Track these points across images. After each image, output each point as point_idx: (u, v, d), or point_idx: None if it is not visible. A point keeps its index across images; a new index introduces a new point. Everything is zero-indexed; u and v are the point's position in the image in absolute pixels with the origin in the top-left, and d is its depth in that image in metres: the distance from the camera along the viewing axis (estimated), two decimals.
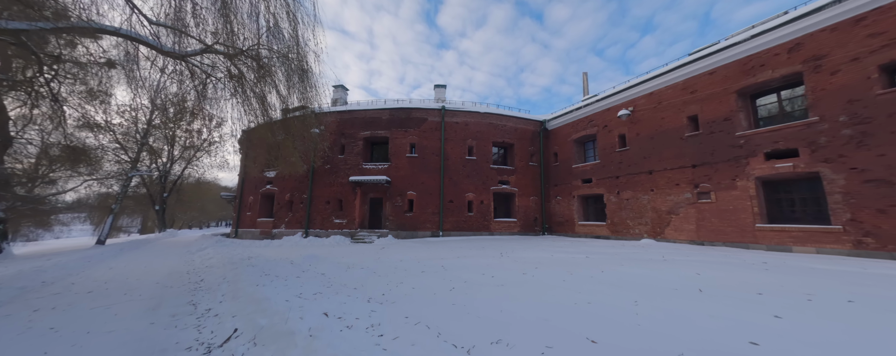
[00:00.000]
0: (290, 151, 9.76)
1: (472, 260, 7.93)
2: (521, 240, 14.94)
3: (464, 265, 7.16)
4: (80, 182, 19.16)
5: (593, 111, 16.40)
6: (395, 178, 17.45)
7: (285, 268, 6.84)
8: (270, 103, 8.95)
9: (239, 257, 9.09)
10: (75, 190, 19.37)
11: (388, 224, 17.04)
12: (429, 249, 10.98)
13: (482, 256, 8.59)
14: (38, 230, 26.63)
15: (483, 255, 8.81)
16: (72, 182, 19.27)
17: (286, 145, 9.75)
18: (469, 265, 7.15)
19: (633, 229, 13.67)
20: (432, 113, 18.21)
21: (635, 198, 13.67)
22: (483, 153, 18.48)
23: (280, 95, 8.71)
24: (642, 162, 13.50)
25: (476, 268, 6.66)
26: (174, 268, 8.61)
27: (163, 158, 25.49)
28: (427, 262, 7.64)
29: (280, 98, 8.77)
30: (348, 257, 8.89)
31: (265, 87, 8.61)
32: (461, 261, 7.68)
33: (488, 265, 7.13)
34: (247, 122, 9.26)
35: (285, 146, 9.81)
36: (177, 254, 12.66)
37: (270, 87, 8.59)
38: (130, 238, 24.46)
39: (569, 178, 17.76)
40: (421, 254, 9.19)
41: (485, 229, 17.70)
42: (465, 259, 8.10)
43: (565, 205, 17.81)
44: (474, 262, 7.54)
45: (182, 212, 34.74)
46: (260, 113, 8.72)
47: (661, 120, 12.80)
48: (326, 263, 7.62)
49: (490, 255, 8.77)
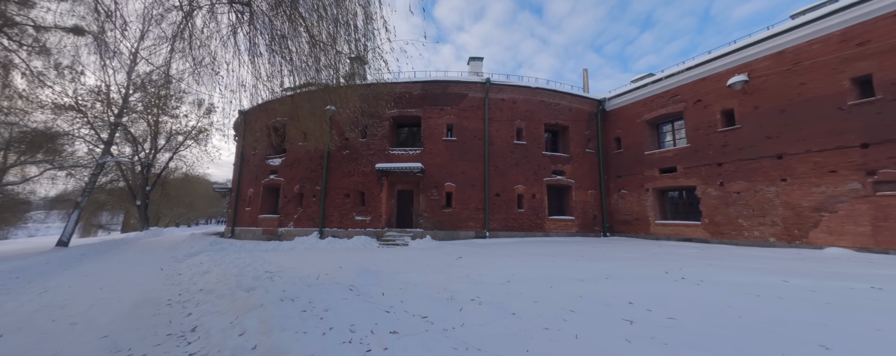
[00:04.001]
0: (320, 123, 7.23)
1: (623, 285, 4.79)
2: (594, 244, 11.86)
3: (622, 294, 4.03)
4: (40, 171, 15.76)
5: (677, 83, 13.28)
6: (430, 166, 14.27)
7: (345, 300, 3.67)
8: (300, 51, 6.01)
9: (249, 271, 5.97)
10: (34, 180, 15.94)
11: (422, 222, 13.87)
12: (501, 257, 7.82)
13: (614, 273, 5.48)
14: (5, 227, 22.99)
15: (619, 273, 5.67)
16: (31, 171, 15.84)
17: (313, 118, 6.94)
18: (631, 294, 4.02)
19: (749, 231, 10.63)
20: (473, 87, 14.99)
21: (752, 190, 10.61)
22: (534, 137, 15.32)
23: (314, 39, 5.74)
24: (764, 143, 10.43)
25: (670, 307, 3.55)
26: (148, 293, 5.44)
27: (145, 146, 21.99)
28: (548, 284, 4.53)
29: (314, 45, 5.82)
30: (414, 271, 5.74)
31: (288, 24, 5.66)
32: (605, 287, 4.56)
33: (670, 296, 4.00)
34: (273, 86, 6.16)
35: (314, 118, 7.12)
36: (157, 263, 9.43)
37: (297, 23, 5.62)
38: (104, 237, 21.07)
39: (639, 167, 14.67)
40: (512, 269, 6.03)
41: (538, 229, 14.60)
42: (596, 282, 4.98)
43: (634, 201, 14.75)
44: (632, 290, 4.41)
45: (168, 209, 31.24)
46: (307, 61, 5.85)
47: (800, 86, 9.70)
48: (402, 288, 4.47)
49: (635, 272, 5.64)
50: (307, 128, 7.96)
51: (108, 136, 15.94)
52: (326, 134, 7.82)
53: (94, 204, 23.03)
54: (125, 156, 20.52)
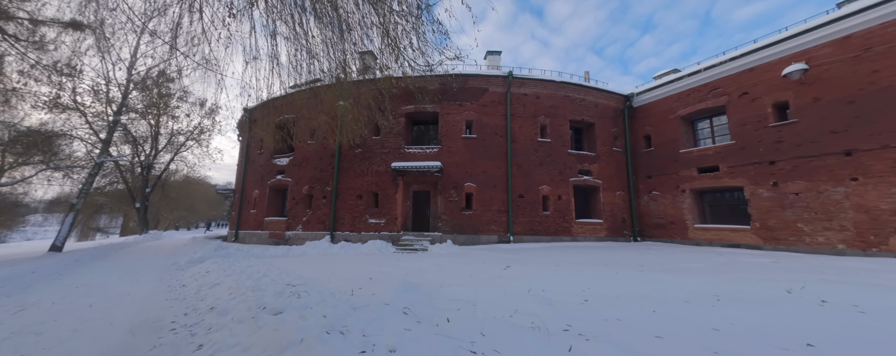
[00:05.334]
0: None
1: (754, 312, 3.75)
2: (637, 251, 10.80)
3: (774, 328, 3.01)
4: (35, 172, 14.89)
5: (717, 76, 12.25)
6: (448, 166, 13.28)
7: (408, 331, 2.67)
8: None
9: (267, 283, 5.05)
10: (28, 181, 15.08)
11: (440, 225, 12.85)
12: (547, 266, 6.77)
13: (716, 292, 4.44)
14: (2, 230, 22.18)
15: (717, 291, 4.62)
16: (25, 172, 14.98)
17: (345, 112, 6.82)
18: (787, 328, 3.00)
19: (811, 236, 9.54)
20: (494, 81, 14.02)
21: (815, 191, 9.54)
22: (559, 135, 14.31)
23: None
24: (828, 139, 9.37)
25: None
26: (147, 311, 4.52)
27: (145, 147, 21.21)
28: (646, 307, 3.52)
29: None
30: (460, 284, 4.72)
31: None
32: (731, 314, 3.53)
33: (846, 333, 2.97)
34: (301, 74, 5.43)
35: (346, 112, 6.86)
36: (157, 271, 8.49)
37: None
38: (102, 241, 20.19)
39: (673, 166, 13.61)
40: (576, 282, 4.99)
41: (565, 233, 13.54)
42: (711, 306, 3.94)
43: (668, 203, 13.67)
44: (777, 321, 3.38)
45: (168, 212, 30.37)
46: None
47: (873, 74, 8.65)
48: (461, 310, 3.46)
49: (741, 291, 4.59)
50: (318, 123, 7.27)
51: (106, 134, 15.09)
52: (354, 125, 7.16)
53: (92, 206, 22.23)
54: (124, 156, 19.68)
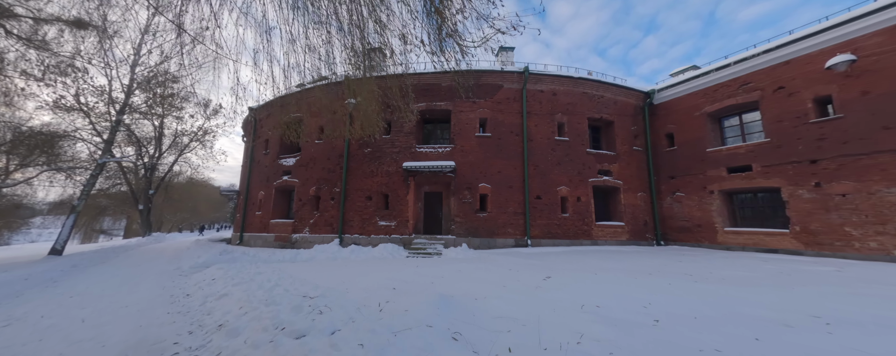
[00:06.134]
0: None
1: None
2: (670, 257, 10.08)
3: None
4: (36, 173, 14.53)
5: (749, 69, 11.52)
6: (461, 165, 12.67)
7: None
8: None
9: (280, 294, 4.52)
10: (29, 183, 14.71)
11: (454, 228, 12.22)
12: (582, 273, 6.11)
13: (814, 310, 3.77)
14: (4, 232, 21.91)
15: (816, 311, 3.94)
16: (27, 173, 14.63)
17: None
18: None
19: (861, 241, 8.76)
20: (509, 78, 13.41)
21: (865, 192, 8.77)
22: (577, 133, 13.64)
23: None
24: (880, 135, 8.61)
25: None
26: (145, 328, 4.00)
27: (149, 148, 20.96)
28: (745, 334, 2.87)
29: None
30: (495, 297, 4.09)
31: None
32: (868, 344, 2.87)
33: None
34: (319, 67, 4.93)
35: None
36: (159, 278, 7.98)
37: None
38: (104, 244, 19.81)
39: (699, 166, 12.87)
40: (631, 296, 4.33)
41: (585, 236, 12.84)
42: (827, 334, 3.27)
43: (693, 205, 12.92)
44: None
45: (171, 214, 30.18)
46: None
47: None
48: (512, 332, 2.83)
49: (848, 312, 3.90)
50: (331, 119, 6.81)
51: (108, 135, 14.71)
52: (377, 120, 7.03)
53: (95, 208, 21.98)
54: (127, 156, 19.37)
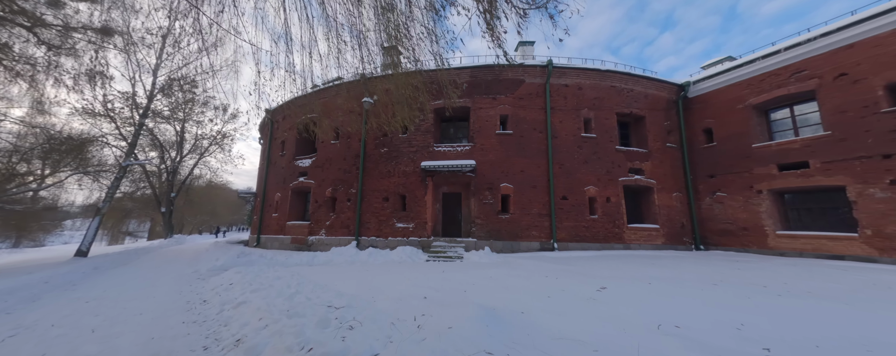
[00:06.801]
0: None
1: None
2: (725, 263, 9.08)
3: None
4: (65, 176, 14.92)
5: (802, 56, 10.41)
6: (482, 164, 12.05)
7: None
8: None
9: (303, 303, 4.19)
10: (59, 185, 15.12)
11: (474, 230, 11.58)
12: (634, 283, 5.33)
13: None
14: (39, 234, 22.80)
15: None
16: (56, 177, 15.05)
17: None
18: None
19: None
20: (532, 72, 12.73)
21: None
22: (605, 129, 12.78)
23: None
24: None
25: None
26: (158, 340, 3.66)
27: (171, 152, 21.70)
28: None
29: None
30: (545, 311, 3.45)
31: None
32: None
33: None
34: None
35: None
36: (176, 281, 7.74)
37: None
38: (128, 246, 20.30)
39: (743, 163, 11.74)
40: (714, 316, 3.62)
41: (616, 239, 11.91)
42: None
43: (738, 206, 11.77)
44: None
45: (191, 216, 31.17)
46: None
47: None
48: None
49: None
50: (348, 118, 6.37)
51: (132, 138, 15.02)
52: (411, 110, 6.63)
53: (121, 211, 22.82)
54: (150, 159, 19.97)
